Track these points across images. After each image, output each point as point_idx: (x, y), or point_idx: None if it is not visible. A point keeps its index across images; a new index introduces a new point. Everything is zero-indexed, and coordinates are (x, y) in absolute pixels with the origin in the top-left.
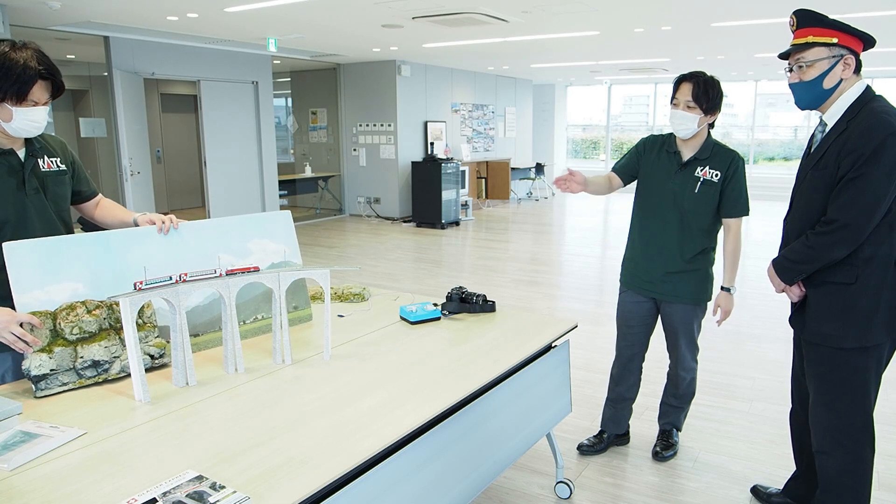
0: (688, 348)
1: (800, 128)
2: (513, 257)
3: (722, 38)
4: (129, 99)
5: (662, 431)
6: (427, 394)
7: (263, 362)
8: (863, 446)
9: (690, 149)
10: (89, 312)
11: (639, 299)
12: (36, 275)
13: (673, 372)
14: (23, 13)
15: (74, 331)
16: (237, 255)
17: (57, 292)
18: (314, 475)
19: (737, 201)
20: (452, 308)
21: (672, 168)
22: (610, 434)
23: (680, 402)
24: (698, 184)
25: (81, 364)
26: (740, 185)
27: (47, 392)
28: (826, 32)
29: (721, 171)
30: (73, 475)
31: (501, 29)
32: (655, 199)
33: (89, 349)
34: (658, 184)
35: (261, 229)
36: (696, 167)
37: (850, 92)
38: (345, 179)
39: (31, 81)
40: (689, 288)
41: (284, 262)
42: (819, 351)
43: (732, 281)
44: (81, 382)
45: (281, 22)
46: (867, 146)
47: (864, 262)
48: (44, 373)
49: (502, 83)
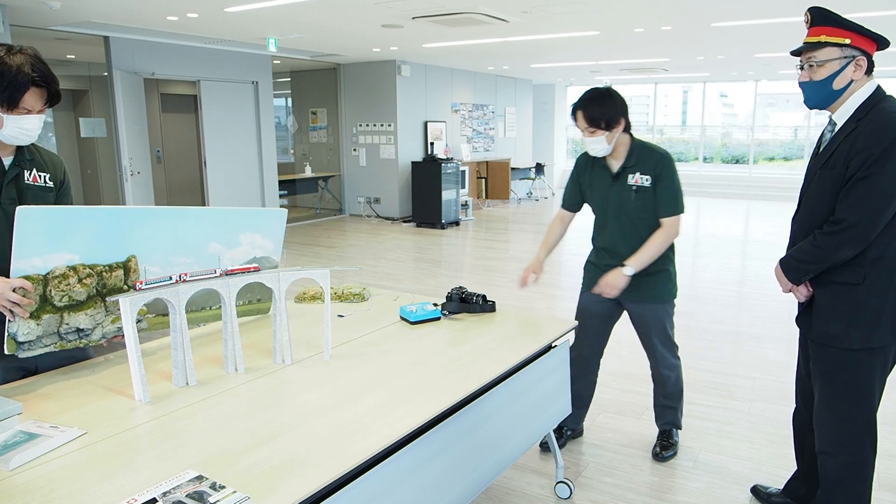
0: (665, 347)
1: (800, 128)
2: (513, 257)
3: (722, 38)
4: (129, 99)
5: (662, 432)
6: (427, 394)
7: (263, 362)
8: (865, 447)
9: (616, 159)
10: (80, 282)
11: (599, 298)
12: (40, 242)
13: (656, 372)
14: (23, 13)
15: (64, 299)
16: (227, 245)
17: (54, 261)
18: (314, 475)
19: (668, 201)
20: (452, 308)
21: (607, 180)
22: (568, 430)
23: (671, 400)
24: (632, 191)
25: (66, 330)
26: (670, 185)
27: (29, 353)
28: (839, 32)
29: (650, 174)
30: (73, 475)
31: (501, 29)
32: (602, 211)
33: (75, 317)
34: (601, 197)
35: (255, 224)
36: (627, 175)
37: (860, 92)
38: (345, 179)
39: (22, 88)
40: (653, 289)
41: (264, 256)
42: (825, 351)
43: (634, 265)
44: (62, 345)
45: (281, 22)
46: (877, 146)
47: (872, 263)
48: (31, 339)
49: (502, 83)
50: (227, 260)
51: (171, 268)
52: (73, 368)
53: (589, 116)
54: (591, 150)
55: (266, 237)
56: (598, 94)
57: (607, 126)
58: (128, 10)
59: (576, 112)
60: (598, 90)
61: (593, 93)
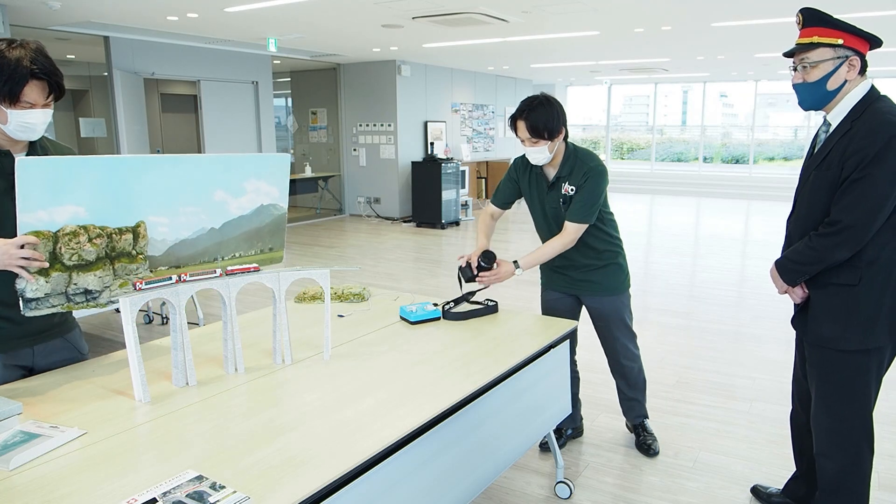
0: (625, 337)
1: (800, 128)
2: (513, 257)
3: (722, 38)
4: (129, 99)
5: (636, 426)
6: (427, 394)
7: (263, 362)
8: (862, 448)
9: (553, 168)
10: (90, 241)
11: (559, 295)
12: (44, 195)
13: (617, 365)
14: (23, 13)
15: (74, 258)
16: (232, 193)
17: (59, 214)
18: (314, 475)
19: (578, 209)
20: (456, 316)
21: (543, 189)
22: (568, 430)
23: (636, 392)
24: (561, 201)
25: (73, 290)
26: (587, 196)
27: (36, 312)
28: (831, 33)
29: (576, 184)
30: (73, 475)
31: (501, 29)
32: (540, 216)
33: (84, 278)
34: (537, 203)
35: (258, 170)
36: (560, 185)
37: (854, 92)
38: (345, 179)
39: (22, 81)
40: (605, 281)
41: (272, 204)
42: (821, 353)
43: (525, 264)
44: (70, 307)
45: (281, 22)
46: (872, 147)
47: (868, 265)
48: (39, 296)
49: (502, 83)
50: (234, 208)
51: (177, 217)
52: (73, 368)
53: (531, 126)
54: (533, 159)
55: (271, 184)
56: (538, 104)
57: (549, 136)
58: (128, 10)
59: (516, 122)
60: (539, 98)
61: (534, 101)
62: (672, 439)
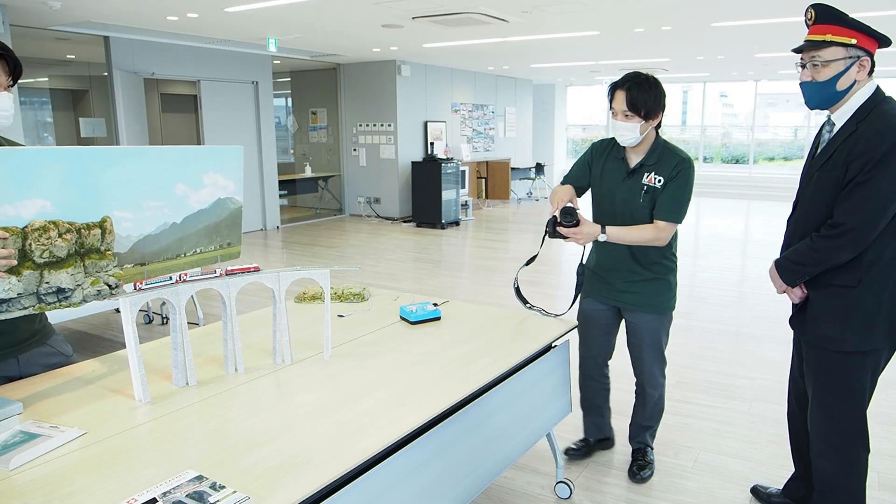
0: (655, 362)
1: (800, 128)
2: (513, 257)
3: (722, 38)
4: (129, 99)
5: (636, 450)
6: (427, 394)
7: (263, 362)
8: (857, 448)
9: (637, 155)
10: (61, 236)
11: (600, 307)
12: (7, 187)
13: (640, 389)
14: (23, 13)
15: (45, 254)
16: (193, 186)
17: (26, 208)
18: (314, 475)
19: (670, 205)
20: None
21: (620, 175)
22: (592, 440)
23: (650, 420)
24: (642, 191)
25: (45, 289)
26: (677, 191)
27: (7, 315)
28: (846, 32)
29: (664, 176)
30: (73, 475)
31: (501, 29)
32: (608, 207)
33: (56, 275)
34: (609, 192)
35: (214, 163)
36: (643, 174)
37: (860, 92)
38: (345, 179)
39: None
40: (651, 297)
41: (228, 197)
42: (818, 353)
43: (611, 233)
44: (41, 308)
45: (281, 22)
46: (877, 150)
47: (868, 266)
48: (10, 297)
49: (502, 83)
50: (194, 202)
51: (142, 212)
52: (72, 368)
53: (631, 99)
54: (621, 136)
55: (228, 177)
56: (645, 79)
57: (647, 115)
58: (128, 10)
59: (615, 91)
60: (645, 75)
61: (640, 77)
62: (672, 439)
